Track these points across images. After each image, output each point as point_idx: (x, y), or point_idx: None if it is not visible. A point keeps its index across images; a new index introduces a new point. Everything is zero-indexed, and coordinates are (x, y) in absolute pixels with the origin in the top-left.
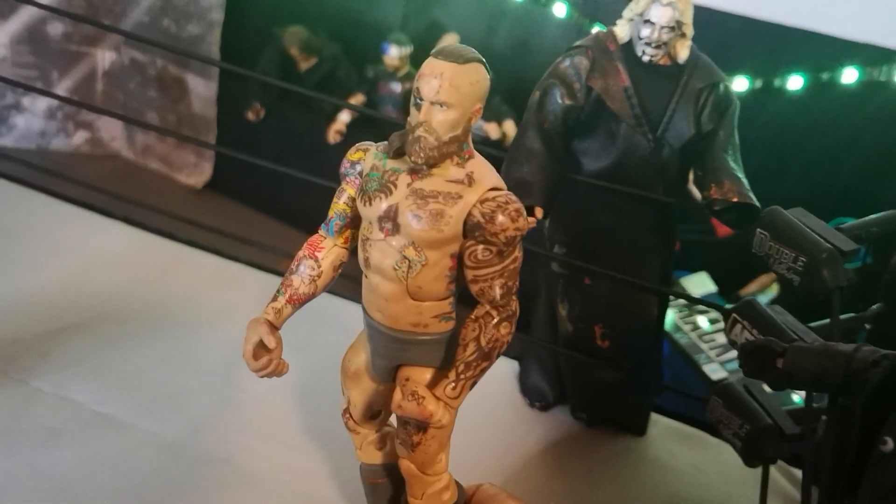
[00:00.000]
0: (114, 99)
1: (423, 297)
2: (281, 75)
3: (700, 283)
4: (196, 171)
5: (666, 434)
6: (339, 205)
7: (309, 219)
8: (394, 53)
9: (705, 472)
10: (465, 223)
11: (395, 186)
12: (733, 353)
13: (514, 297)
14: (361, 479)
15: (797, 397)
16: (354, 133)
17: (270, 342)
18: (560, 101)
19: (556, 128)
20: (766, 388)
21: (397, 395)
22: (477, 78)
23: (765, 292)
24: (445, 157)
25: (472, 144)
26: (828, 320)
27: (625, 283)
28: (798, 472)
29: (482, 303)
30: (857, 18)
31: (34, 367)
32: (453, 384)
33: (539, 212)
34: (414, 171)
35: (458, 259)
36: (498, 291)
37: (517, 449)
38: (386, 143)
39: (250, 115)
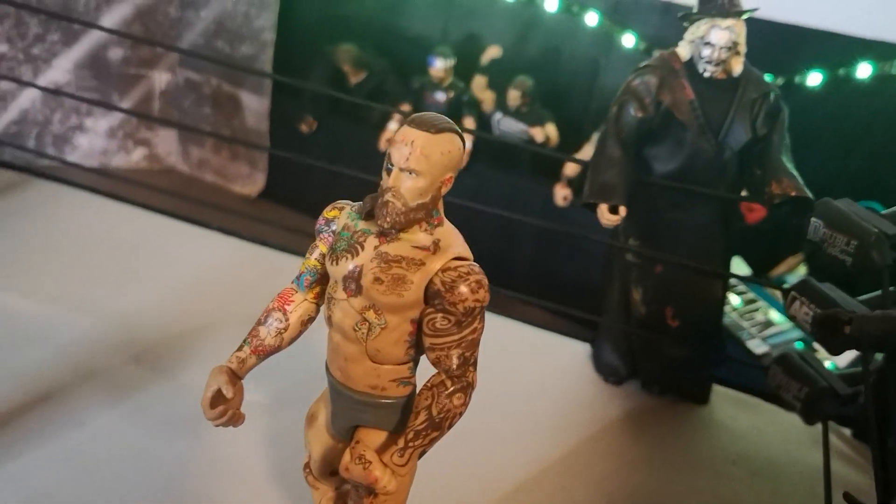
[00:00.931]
0: (169, 117)
1: (381, 360)
2: (331, 89)
3: (736, 267)
4: (250, 182)
5: (726, 402)
6: (311, 261)
7: None
8: (439, 66)
9: (765, 433)
10: (426, 290)
11: (363, 248)
12: (773, 329)
13: (471, 369)
14: None
15: (829, 363)
16: None
17: (228, 392)
18: (634, 114)
19: (631, 137)
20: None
21: (346, 456)
22: (448, 148)
23: (793, 273)
24: (413, 223)
25: (441, 212)
26: (871, 294)
27: (692, 269)
28: (846, 431)
29: (438, 371)
30: (869, 17)
31: (179, 364)
32: (400, 452)
33: (623, 210)
34: (382, 235)
35: (418, 325)
36: (454, 361)
37: (596, 421)
38: (360, 203)
39: (303, 128)
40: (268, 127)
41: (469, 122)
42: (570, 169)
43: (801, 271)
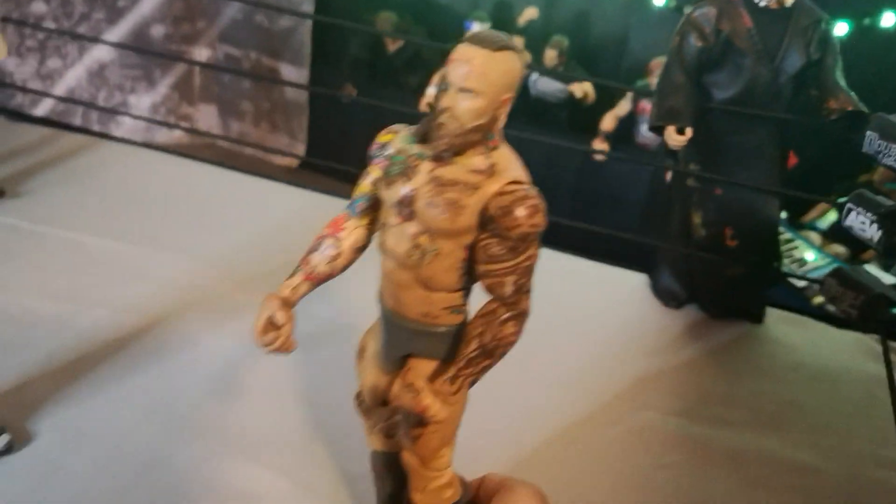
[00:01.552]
0: (210, 91)
1: (434, 286)
2: (370, 57)
3: None
4: (289, 153)
5: (779, 321)
6: (364, 186)
7: None
8: (476, 29)
9: (819, 346)
10: (480, 215)
11: (417, 171)
12: (809, 266)
13: (525, 297)
14: (370, 466)
15: None
16: None
17: (280, 318)
18: (694, 43)
19: (693, 65)
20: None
21: (396, 385)
22: (509, 67)
23: (823, 218)
24: (469, 146)
25: (499, 135)
26: None
27: (751, 189)
28: None
29: (491, 299)
30: None
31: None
32: (451, 379)
33: (689, 132)
34: (437, 158)
35: (472, 251)
36: (509, 289)
37: (660, 341)
38: (416, 126)
39: (344, 98)
40: (307, 97)
41: None
42: (607, 124)
43: (832, 217)
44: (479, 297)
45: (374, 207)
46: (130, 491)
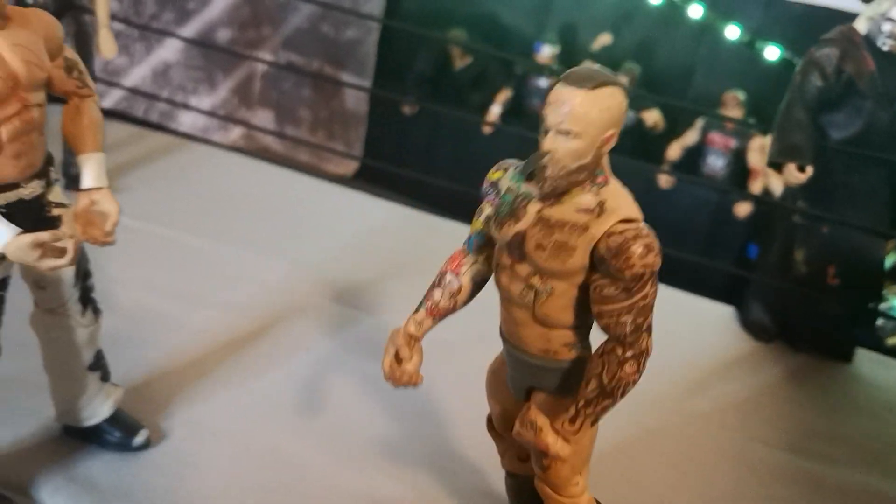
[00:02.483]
0: (268, 98)
1: (551, 324)
2: (435, 73)
3: None
4: (345, 161)
5: (865, 360)
6: (478, 223)
7: (457, 206)
8: (546, 52)
9: None
10: (591, 255)
11: (525, 212)
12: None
13: (645, 335)
14: (505, 487)
15: None
16: (505, 124)
17: (405, 353)
18: (816, 82)
19: (813, 103)
20: None
21: (517, 422)
22: (608, 104)
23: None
24: (574, 186)
25: (607, 170)
26: None
27: (860, 230)
28: None
29: (610, 338)
30: None
31: (375, 304)
32: (571, 419)
33: (810, 170)
34: (545, 198)
35: (586, 290)
36: (626, 329)
37: (750, 374)
38: (524, 164)
39: (406, 110)
40: (367, 109)
41: None
42: (673, 152)
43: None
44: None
45: (489, 244)
46: (260, 487)
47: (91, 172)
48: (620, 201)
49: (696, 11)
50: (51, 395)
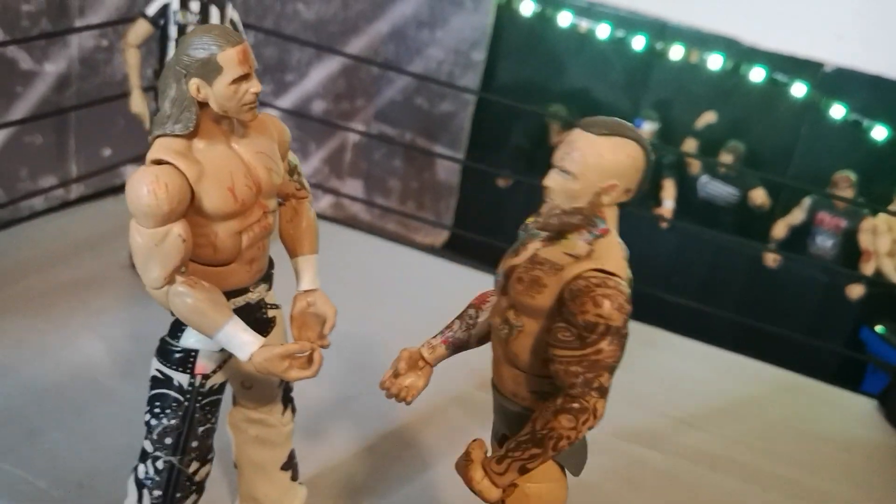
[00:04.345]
0: (358, 167)
1: (520, 366)
2: (532, 147)
3: None
4: (434, 232)
5: None
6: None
7: None
8: (646, 128)
9: None
10: (559, 297)
11: (525, 249)
12: None
13: (593, 394)
14: None
15: None
16: None
17: (400, 367)
18: None
19: None
20: None
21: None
22: (613, 153)
23: None
24: (567, 228)
25: (611, 224)
26: None
27: None
28: None
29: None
30: None
31: (458, 374)
32: (498, 459)
33: None
34: (547, 239)
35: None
36: (573, 379)
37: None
38: None
39: (500, 182)
40: (459, 181)
41: (669, 184)
42: (779, 231)
43: None
44: None
45: None
46: None
47: (308, 275)
48: (608, 253)
49: (799, 90)
50: (239, 492)
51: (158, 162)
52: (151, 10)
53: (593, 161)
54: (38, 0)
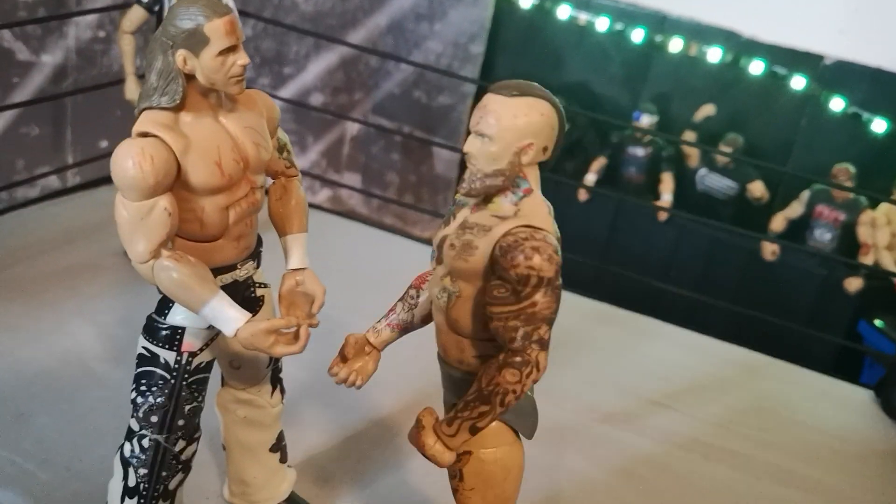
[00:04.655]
0: (356, 161)
1: (461, 331)
2: None
3: None
4: (431, 225)
5: None
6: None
7: None
8: (644, 121)
9: None
10: (491, 257)
11: (454, 218)
12: None
13: (534, 347)
14: None
15: None
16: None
17: (347, 352)
18: None
19: None
20: None
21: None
22: (525, 112)
23: None
24: (491, 191)
25: (534, 184)
26: None
27: None
28: None
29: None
30: None
31: None
32: (448, 420)
33: None
34: (475, 205)
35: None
36: (513, 334)
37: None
38: None
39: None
40: (457, 174)
41: (667, 177)
42: (778, 224)
43: None
44: None
45: None
46: None
47: (297, 253)
48: (535, 212)
49: (798, 83)
50: (227, 474)
51: (144, 134)
52: None
53: (508, 122)
54: None
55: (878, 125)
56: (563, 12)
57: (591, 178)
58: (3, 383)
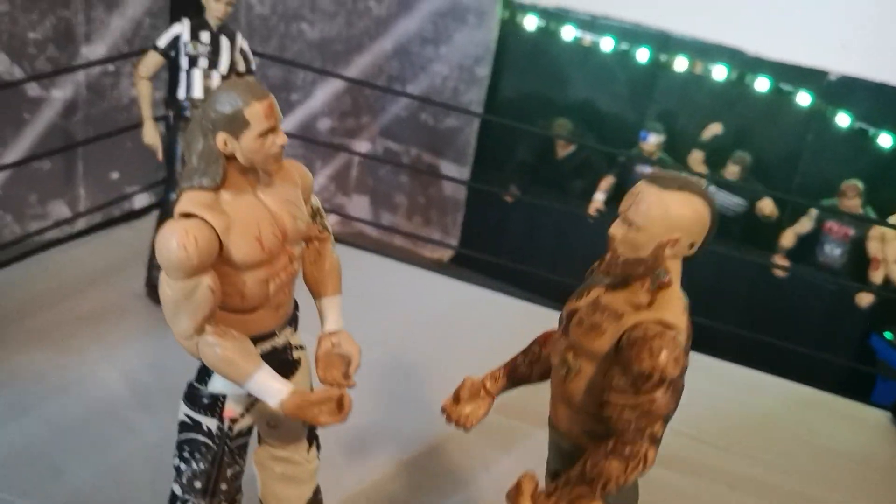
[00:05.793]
0: (364, 184)
1: (576, 406)
2: (537, 161)
3: None
4: (440, 247)
5: None
6: None
7: (556, 292)
8: (652, 140)
9: None
10: (617, 343)
11: (588, 293)
12: None
13: (645, 444)
14: None
15: None
16: (611, 210)
17: (462, 394)
18: None
19: None
20: None
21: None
22: (678, 207)
23: None
24: (634, 279)
25: (674, 275)
26: None
27: None
28: None
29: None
30: None
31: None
32: (548, 493)
33: None
34: (610, 286)
35: None
36: (625, 425)
37: None
38: None
39: (508, 198)
40: (465, 196)
41: None
42: (787, 240)
43: None
44: None
45: None
46: None
47: (332, 316)
48: (669, 305)
49: (804, 99)
50: None
51: (187, 215)
52: (162, 42)
53: (657, 214)
54: (44, 27)
55: (885, 140)
56: (568, 33)
57: (600, 197)
58: (37, 437)
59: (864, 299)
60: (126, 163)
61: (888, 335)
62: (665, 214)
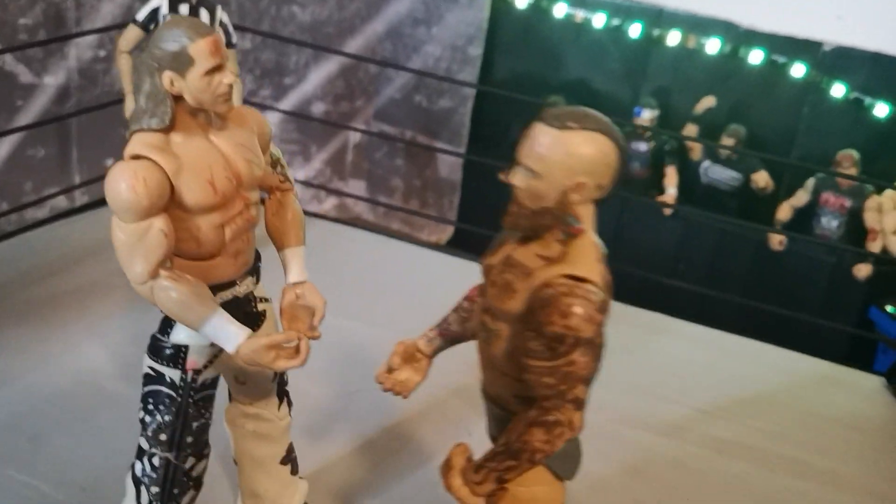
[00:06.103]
0: (360, 168)
1: (499, 369)
2: None
3: None
4: (438, 229)
5: None
6: None
7: None
8: (646, 116)
9: None
10: (528, 303)
11: (500, 248)
12: None
13: (568, 407)
14: None
15: None
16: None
17: (394, 362)
18: None
19: None
20: None
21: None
22: (578, 149)
23: None
24: (537, 229)
25: (587, 223)
26: None
27: None
28: None
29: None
30: None
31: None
32: (476, 468)
33: None
34: (521, 240)
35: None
36: (546, 391)
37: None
38: None
39: (503, 176)
40: (461, 177)
41: (671, 171)
42: (784, 213)
43: None
44: None
45: None
46: None
47: (296, 266)
48: (582, 256)
49: (798, 71)
50: (240, 488)
51: (136, 157)
52: (141, 16)
53: (557, 158)
54: (34, 13)
55: (881, 110)
56: (560, 10)
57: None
58: (16, 407)
59: (863, 271)
60: (120, 149)
61: (891, 309)
62: (565, 158)
